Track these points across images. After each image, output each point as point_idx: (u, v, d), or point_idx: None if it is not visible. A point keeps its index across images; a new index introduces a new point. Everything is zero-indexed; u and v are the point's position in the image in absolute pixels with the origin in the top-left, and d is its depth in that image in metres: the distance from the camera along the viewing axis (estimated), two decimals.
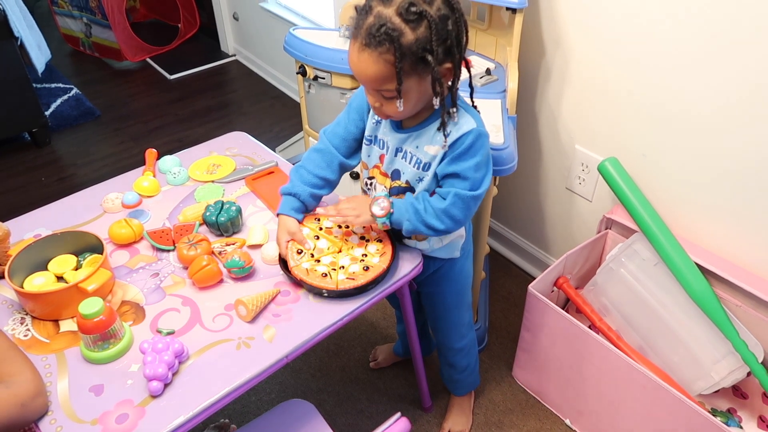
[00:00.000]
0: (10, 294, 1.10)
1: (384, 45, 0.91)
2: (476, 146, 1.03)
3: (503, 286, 1.98)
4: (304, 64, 1.66)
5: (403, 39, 0.91)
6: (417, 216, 1.07)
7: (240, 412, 1.61)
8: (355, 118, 1.16)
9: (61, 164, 2.63)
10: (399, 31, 0.91)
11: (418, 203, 1.07)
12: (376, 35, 0.91)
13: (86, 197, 1.33)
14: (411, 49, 0.92)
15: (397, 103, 0.97)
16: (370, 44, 0.92)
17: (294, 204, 1.16)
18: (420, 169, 1.09)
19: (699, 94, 1.32)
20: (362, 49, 0.93)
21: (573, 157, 1.69)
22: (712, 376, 1.38)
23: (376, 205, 1.09)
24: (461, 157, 1.03)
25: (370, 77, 0.96)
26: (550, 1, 1.54)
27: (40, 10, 3.81)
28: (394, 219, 1.09)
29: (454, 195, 1.05)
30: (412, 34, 0.91)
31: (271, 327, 1.04)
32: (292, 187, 1.17)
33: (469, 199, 1.05)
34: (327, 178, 1.18)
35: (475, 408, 1.62)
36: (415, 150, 1.08)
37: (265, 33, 3.05)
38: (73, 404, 0.92)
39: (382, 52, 0.92)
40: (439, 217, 1.06)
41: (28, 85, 2.53)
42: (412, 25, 0.91)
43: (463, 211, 1.06)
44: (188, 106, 3.03)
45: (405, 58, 0.92)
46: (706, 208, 1.42)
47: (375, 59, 0.93)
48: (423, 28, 0.91)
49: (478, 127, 1.03)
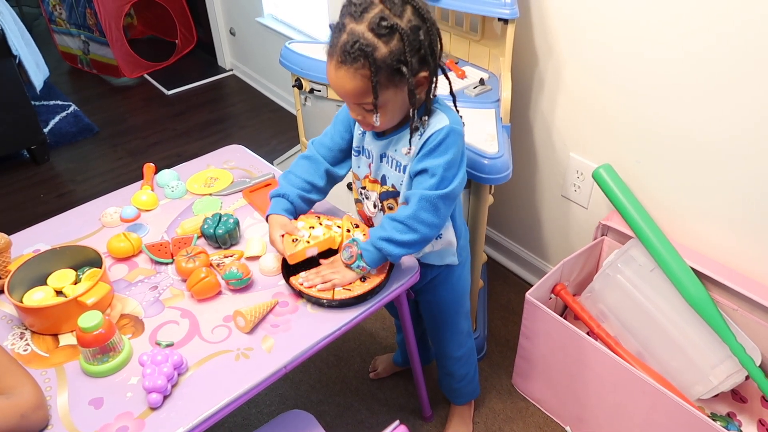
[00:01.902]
0: (9, 309, 1.10)
1: (359, 61, 0.94)
2: (448, 142, 1.03)
3: (501, 294, 1.99)
4: (300, 78, 1.68)
5: (377, 53, 0.93)
6: (389, 243, 1.06)
7: (240, 425, 1.61)
8: (341, 130, 1.19)
9: (60, 180, 2.64)
10: (372, 46, 0.93)
11: (383, 230, 1.06)
12: (351, 52, 0.93)
13: (85, 212, 1.34)
14: (386, 62, 0.94)
15: (374, 117, 1.00)
16: (345, 61, 0.95)
17: (284, 204, 1.17)
18: (400, 171, 1.10)
19: (692, 101, 1.33)
20: (339, 67, 0.96)
21: (567, 164, 1.70)
22: (711, 380, 1.38)
23: (345, 252, 1.09)
24: (431, 153, 1.04)
25: (348, 92, 0.98)
26: (541, 12, 1.56)
27: (38, 28, 3.85)
28: (369, 258, 1.08)
29: (420, 198, 1.04)
30: (385, 47, 0.94)
31: (269, 338, 1.05)
32: (281, 189, 1.19)
33: (436, 199, 1.03)
34: (315, 183, 1.20)
35: (475, 417, 1.62)
36: (395, 153, 1.10)
37: (262, 47, 3.08)
38: (73, 417, 0.92)
39: (357, 68, 0.94)
40: (410, 227, 1.05)
41: (27, 103, 2.55)
42: (384, 39, 0.94)
43: (432, 213, 1.04)
44: (186, 121, 3.04)
45: (380, 71, 0.95)
46: (701, 212, 1.43)
47: (352, 75, 0.95)
48: (395, 41, 0.94)
49: (451, 124, 1.04)
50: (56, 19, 3.41)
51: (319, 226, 1.16)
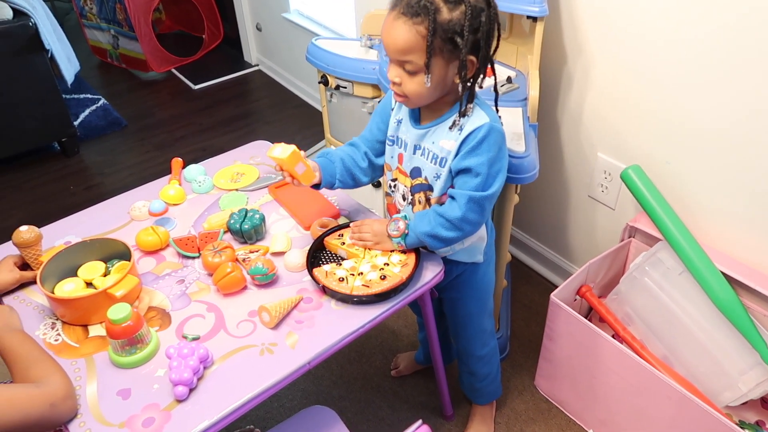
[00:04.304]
0: (41, 299, 1.13)
1: (419, 16, 0.95)
2: (489, 140, 1.04)
3: (525, 294, 1.97)
4: (326, 74, 1.68)
5: (439, 15, 0.95)
6: (433, 239, 1.11)
7: (263, 418, 1.63)
8: (378, 121, 1.22)
9: (89, 173, 2.69)
10: (437, 7, 0.95)
11: (429, 225, 1.11)
12: (414, 6, 0.95)
13: (114, 205, 1.36)
14: (443, 27, 0.96)
15: (425, 78, 0.99)
16: (407, 13, 0.96)
17: (323, 160, 1.22)
18: (437, 164, 1.10)
19: (729, 100, 1.30)
20: (398, 17, 0.98)
21: (595, 164, 1.68)
22: (740, 387, 1.36)
23: (392, 225, 1.14)
24: (474, 151, 1.05)
25: (398, 45, 0.99)
26: (570, 10, 1.54)
27: (69, 23, 3.92)
28: (410, 242, 1.14)
29: (468, 199, 1.06)
30: (448, 13, 0.96)
31: (293, 333, 1.05)
32: (324, 153, 1.24)
33: (484, 200, 1.07)
34: (356, 160, 1.23)
35: (496, 417, 1.61)
36: (432, 146, 1.10)
37: (288, 43, 3.09)
38: (101, 407, 0.94)
39: (416, 22, 0.96)
40: (458, 227, 1.09)
41: (58, 97, 2.60)
42: (449, 6, 0.96)
43: (478, 213, 1.08)
44: (212, 115, 3.07)
45: (436, 34, 0.96)
46: (732, 215, 1.40)
47: (408, 28, 0.97)
48: (459, 12, 0.96)
49: (491, 122, 1.05)
50: (87, 14, 3.47)
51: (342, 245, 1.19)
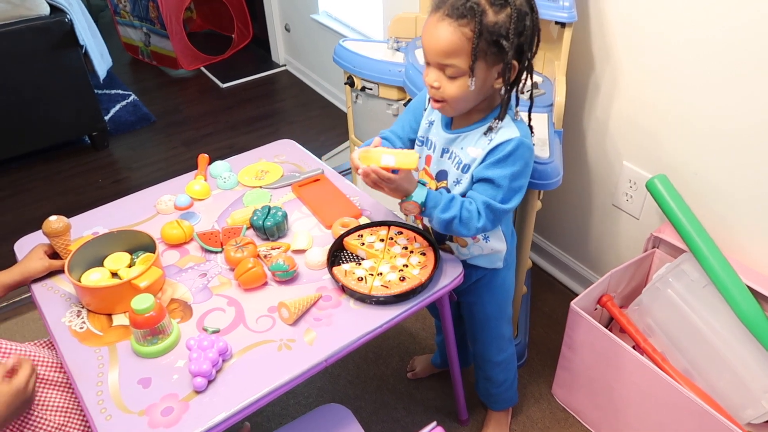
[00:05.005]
0: (68, 288, 1.16)
1: (465, 18, 0.94)
2: (516, 155, 1.03)
3: (545, 301, 1.96)
4: (353, 75, 1.69)
5: (485, 18, 0.94)
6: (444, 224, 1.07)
7: (278, 414, 1.64)
8: (410, 119, 1.21)
9: (118, 167, 2.75)
10: (483, 9, 0.94)
11: (445, 209, 1.06)
12: (460, 8, 0.94)
13: (141, 199, 1.39)
14: (489, 29, 0.94)
15: (468, 82, 0.98)
16: (451, 15, 0.95)
17: None
18: (460, 170, 1.10)
19: (755, 111, 1.28)
20: (442, 19, 0.96)
21: (620, 173, 1.66)
22: (763, 404, 1.33)
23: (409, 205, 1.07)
24: (499, 163, 1.04)
25: (442, 47, 0.97)
26: (599, 17, 1.52)
27: (103, 20, 4.01)
28: (426, 213, 1.07)
29: (487, 207, 1.05)
30: (494, 16, 0.94)
31: (312, 330, 1.06)
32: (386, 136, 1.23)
33: (500, 212, 1.06)
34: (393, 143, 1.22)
35: (512, 424, 1.60)
36: (460, 151, 1.10)
37: (315, 44, 3.12)
38: (122, 395, 0.96)
39: (461, 24, 0.94)
40: (467, 225, 1.07)
41: (90, 91, 2.66)
42: (496, 8, 0.94)
43: (492, 222, 1.07)
44: (238, 113, 3.11)
45: (482, 36, 0.94)
46: (760, 228, 1.37)
47: (453, 30, 0.95)
48: (505, 15, 0.94)
49: (521, 137, 1.04)
50: (121, 12, 3.54)
51: (362, 246, 1.19)
